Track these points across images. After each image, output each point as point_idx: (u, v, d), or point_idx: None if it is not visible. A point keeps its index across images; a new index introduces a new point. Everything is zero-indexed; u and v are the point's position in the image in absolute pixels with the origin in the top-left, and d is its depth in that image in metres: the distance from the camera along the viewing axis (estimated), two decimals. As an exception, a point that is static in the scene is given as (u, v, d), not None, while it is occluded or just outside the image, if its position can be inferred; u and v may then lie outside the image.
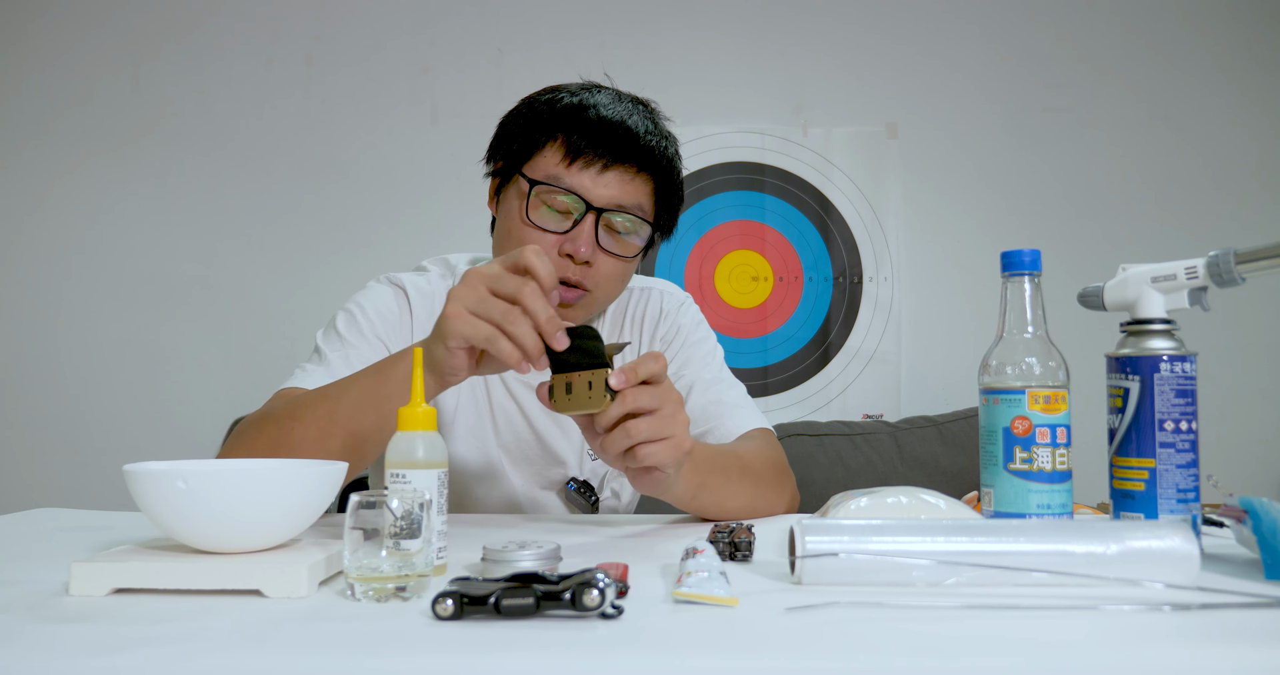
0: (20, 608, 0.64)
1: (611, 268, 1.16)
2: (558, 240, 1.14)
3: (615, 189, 1.14)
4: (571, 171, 1.13)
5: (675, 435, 0.87)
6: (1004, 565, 0.69)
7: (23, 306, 2.54)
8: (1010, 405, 0.84)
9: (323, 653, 0.55)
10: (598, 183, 1.13)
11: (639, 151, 1.14)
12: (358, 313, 1.21)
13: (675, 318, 1.32)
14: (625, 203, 1.14)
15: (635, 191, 1.15)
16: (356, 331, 1.19)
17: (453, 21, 2.59)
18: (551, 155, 1.14)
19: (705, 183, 2.58)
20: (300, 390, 1.11)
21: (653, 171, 1.16)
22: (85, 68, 2.57)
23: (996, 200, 2.60)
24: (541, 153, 1.15)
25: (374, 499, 0.67)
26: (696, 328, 1.33)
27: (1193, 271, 0.85)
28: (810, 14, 2.61)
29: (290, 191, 2.57)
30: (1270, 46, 2.61)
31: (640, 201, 1.16)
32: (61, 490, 2.47)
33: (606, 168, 1.13)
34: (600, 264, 1.15)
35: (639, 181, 1.15)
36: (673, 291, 1.36)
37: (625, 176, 1.14)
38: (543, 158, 1.15)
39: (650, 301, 1.33)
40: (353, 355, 1.16)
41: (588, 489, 1.24)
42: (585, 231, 1.13)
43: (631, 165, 1.14)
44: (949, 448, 2.22)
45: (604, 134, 1.13)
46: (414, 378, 0.77)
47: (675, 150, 1.21)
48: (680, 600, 0.65)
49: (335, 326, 1.21)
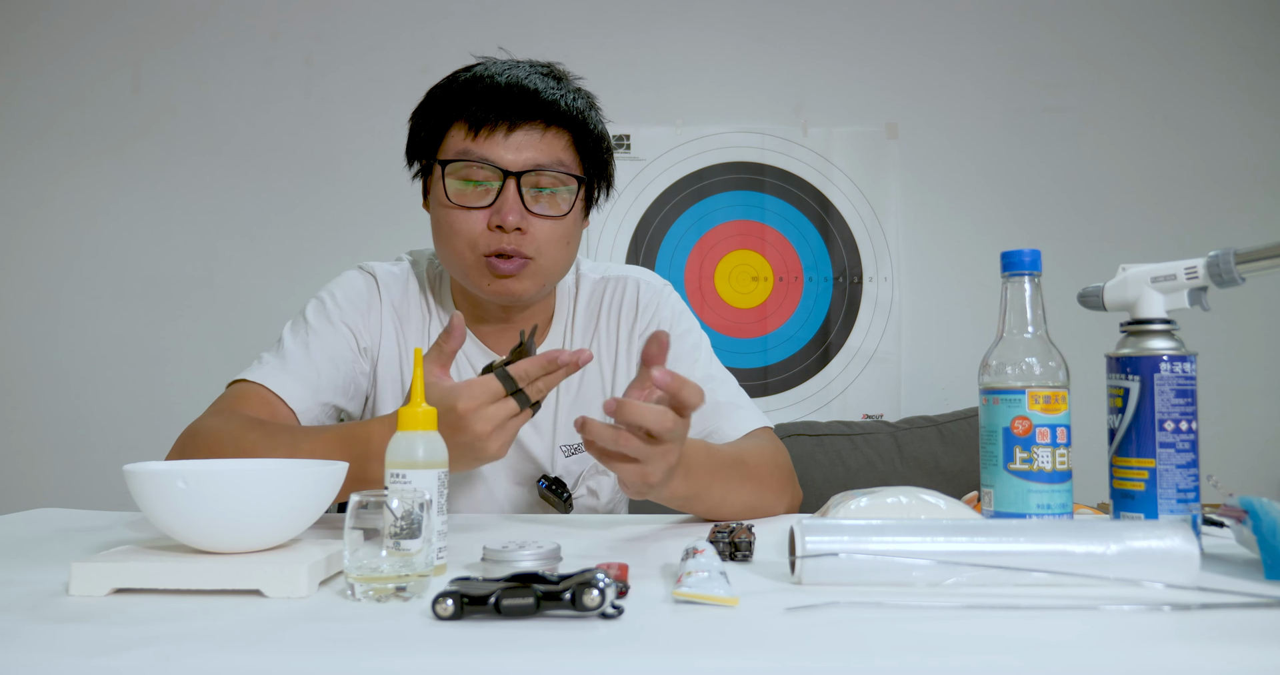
0: (20, 608, 0.64)
1: (548, 231, 1.15)
2: (485, 214, 1.13)
3: (529, 150, 1.13)
4: (479, 142, 1.12)
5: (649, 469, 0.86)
6: (1004, 565, 0.68)
7: (23, 306, 2.54)
8: (1010, 405, 0.84)
9: (323, 653, 0.55)
10: (508, 147, 1.12)
11: (542, 107, 1.13)
12: (328, 299, 1.22)
13: (655, 311, 1.28)
14: (543, 162, 1.13)
15: (550, 148, 1.14)
16: (325, 318, 1.20)
17: (453, 21, 2.59)
18: (458, 133, 1.14)
19: (705, 183, 2.58)
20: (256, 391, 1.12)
21: (564, 124, 1.15)
22: (85, 68, 2.57)
23: (996, 200, 2.60)
24: (449, 134, 1.15)
25: (374, 499, 0.67)
26: (679, 319, 1.29)
27: (1193, 271, 0.85)
28: (810, 14, 2.61)
29: (290, 191, 2.57)
30: (1270, 46, 2.61)
31: (559, 157, 1.14)
32: (61, 490, 2.47)
33: (512, 129, 1.12)
34: (534, 229, 1.13)
35: (551, 137, 1.14)
36: (649, 280, 1.32)
37: (534, 135, 1.13)
38: (451, 138, 1.15)
39: (626, 292, 1.29)
40: (313, 343, 1.17)
41: (559, 487, 1.22)
42: (509, 198, 1.12)
43: (538, 122, 1.13)
44: (949, 448, 2.22)
45: (502, 98, 1.12)
46: (414, 377, 0.77)
47: (588, 103, 1.19)
48: (680, 600, 0.65)
49: (304, 313, 1.22)
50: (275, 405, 1.12)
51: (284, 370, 1.14)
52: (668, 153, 2.56)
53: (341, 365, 1.19)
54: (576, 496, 1.26)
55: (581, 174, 1.17)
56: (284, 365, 1.15)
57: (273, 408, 1.12)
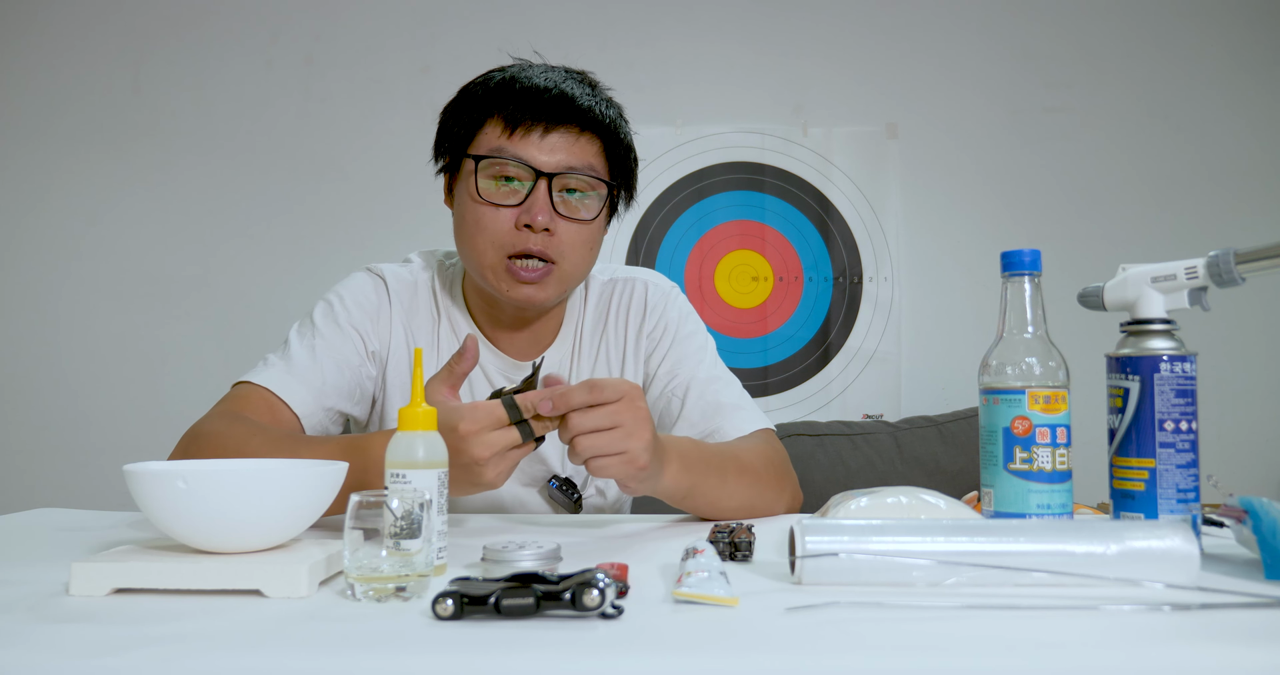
0: (20, 608, 0.64)
1: (574, 235, 1.15)
2: (514, 213, 1.13)
3: (562, 153, 1.13)
4: (514, 141, 1.13)
5: (629, 451, 0.89)
6: (1004, 565, 0.69)
7: (23, 306, 2.54)
8: (1010, 405, 0.84)
9: (323, 653, 0.55)
10: (542, 148, 1.13)
11: (578, 112, 1.14)
12: (336, 303, 1.22)
13: (662, 313, 1.29)
14: (574, 164, 1.14)
15: (582, 152, 1.15)
16: (332, 322, 1.20)
17: (453, 21, 2.59)
18: (492, 131, 1.14)
19: (705, 183, 2.58)
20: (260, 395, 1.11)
21: (596, 131, 1.16)
22: (85, 68, 2.57)
23: (996, 200, 2.60)
24: (483, 131, 1.15)
25: (374, 499, 0.67)
26: (685, 321, 1.30)
27: (1193, 271, 0.85)
28: (810, 14, 2.61)
29: (290, 191, 2.57)
30: (1270, 46, 2.61)
31: (590, 162, 1.15)
32: (61, 490, 2.47)
33: (548, 131, 1.13)
34: (561, 232, 1.14)
35: (584, 142, 1.15)
36: (658, 282, 1.32)
37: (569, 138, 1.14)
38: (484, 135, 1.15)
39: (635, 294, 1.30)
40: (320, 347, 1.17)
41: (570, 487, 1.22)
42: (539, 198, 1.12)
43: (573, 126, 1.14)
44: (949, 448, 2.22)
45: (540, 100, 1.13)
46: (415, 377, 0.77)
47: (618, 113, 1.20)
48: (680, 600, 0.65)
49: (312, 316, 1.21)
50: (279, 410, 1.12)
51: (289, 374, 1.14)
52: (668, 153, 2.56)
53: (347, 370, 1.18)
54: (585, 496, 1.26)
55: (610, 180, 1.18)
56: (289, 369, 1.14)
57: (276, 412, 1.12)
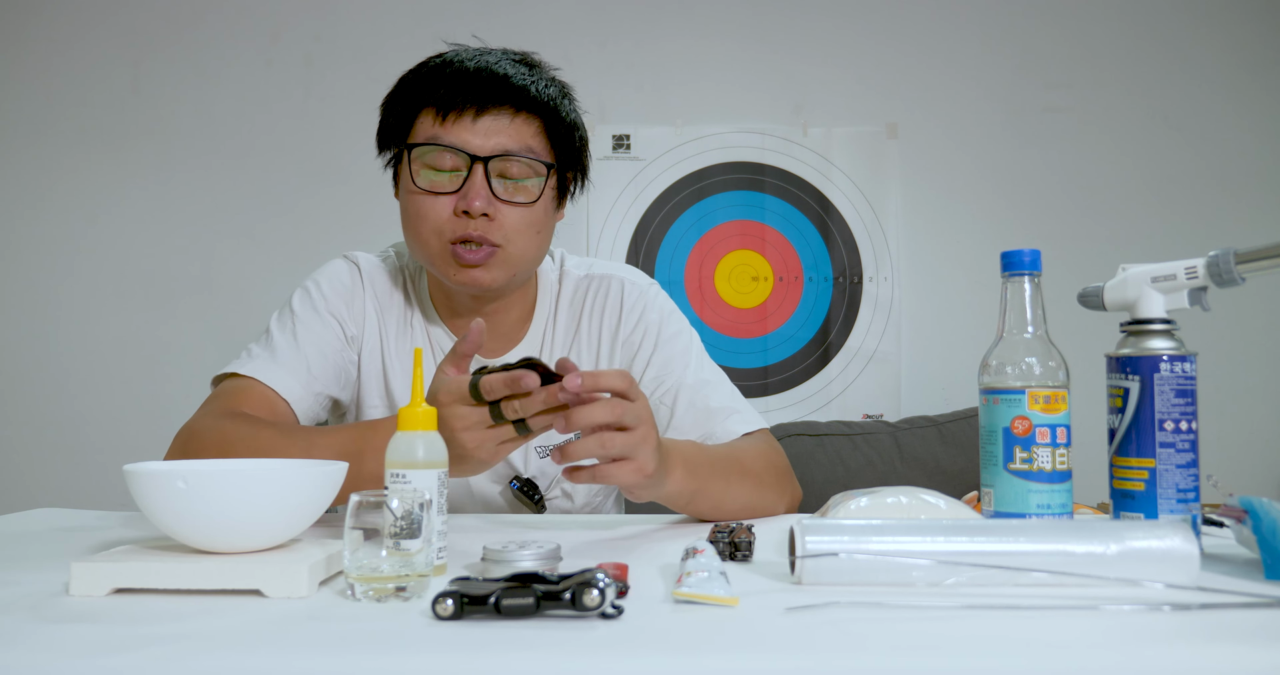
0: (20, 608, 0.64)
1: (517, 218, 1.13)
2: (452, 200, 1.12)
3: (498, 135, 1.11)
4: (448, 127, 1.11)
5: (639, 459, 0.87)
6: (1004, 565, 0.68)
7: (23, 306, 2.54)
8: (1010, 405, 0.84)
9: (323, 653, 0.55)
10: (476, 132, 1.11)
11: (511, 92, 1.11)
12: (313, 289, 1.23)
13: (641, 315, 1.24)
14: (511, 147, 1.12)
15: (520, 134, 1.12)
16: (310, 308, 1.21)
17: (453, 21, 2.59)
18: (426, 119, 1.13)
19: (705, 183, 2.58)
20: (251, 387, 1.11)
21: (534, 110, 1.13)
22: (85, 68, 2.56)
23: (996, 200, 2.60)
24: (418, 120, 1.14)
25: (374, 499, 0.67)
26: (667, 322, 1.25)
27: (1193, 271, 0.85)
28: (810, 14, 2.61)
29: (290, 191, 2.57)
30: (1270, 46, 2.61)
31: (528, 144, 1.13)
32: (61, 490, 2.47)
33: (480, 113, 1.11)
34: (503, 216, 1.12)
35: (520, 122, 1.12)
36: (634, 280, 1.27)
37: (503, 121, 1.12)
38: (420, 124, 1.14)
39: (610, 293, 1.25)
40: (302, 333, 1.17)
41: (531, 488, 1.20)
42: (476, 183, 1.10)
43: (507, 107, 1.12)
44: (949, 448, 2.22)
45: (471, 83, 1.11)
46: (414, 377, 0.77)
47: (561, 91, 1.17)
48: (680, 600, 0.65)
49: (290, 304, 1.22)
50: (273, 401, 1.12)
51: (275, 363, 1.14)
52: (668, 153, 2.56)
53: (330, 354, 1.19)
54: (550, 498, 1.24)
55: (552, 161, 1.15)
56: (274, 358, 1.15)
57: (270, 403, 1.11)
